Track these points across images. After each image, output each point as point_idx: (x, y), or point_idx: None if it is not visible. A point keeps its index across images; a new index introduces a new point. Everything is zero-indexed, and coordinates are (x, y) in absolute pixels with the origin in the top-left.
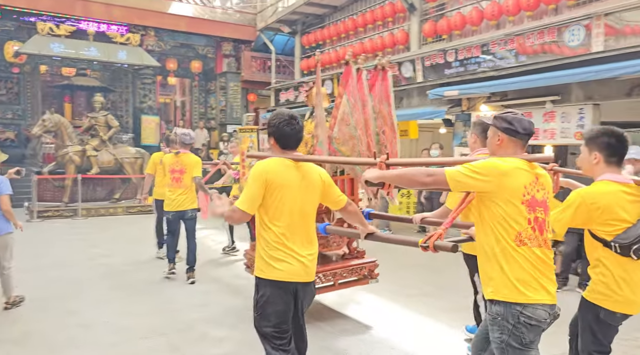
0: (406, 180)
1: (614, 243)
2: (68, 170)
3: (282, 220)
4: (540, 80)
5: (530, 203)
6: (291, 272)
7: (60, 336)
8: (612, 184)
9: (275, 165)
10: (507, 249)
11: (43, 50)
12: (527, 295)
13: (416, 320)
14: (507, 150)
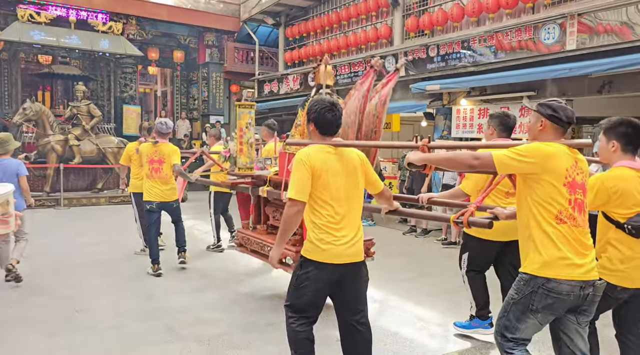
0: (454, 162)
1: (627, 225)
2: (49, 159)
3: (329, 204)
4: (518, 76)
5: (571, 185)
6: (337, 255)
7: (59, 320)
8: (629, 170)
9: (317, 152)
10: (546, 227)
11: (23, 38)
12: (555, 270)
13: (399, 303)
14: (549, 136)
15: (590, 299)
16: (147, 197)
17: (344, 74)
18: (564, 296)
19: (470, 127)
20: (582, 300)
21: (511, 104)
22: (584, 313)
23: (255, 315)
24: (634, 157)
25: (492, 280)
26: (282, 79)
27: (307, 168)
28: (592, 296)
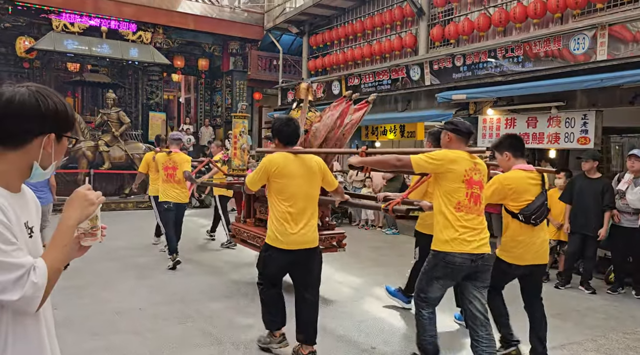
0: (383, 164)
1: (520, 214)
2: (80, 165)
3: (289, 201)
4: (547, 87)
5: (468, 182)
6: (292, 242)
7: (100, 321)
8: (521, 172)
9: (279, 159)
10: (448, 214)
11: (58, 47)
12: (452, 245)
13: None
14: (454, 145)
15: (481, 268)
16: (164, 198)
17: (367, 83)
18: (458, 266)
19: (496, 137)
20: (474, 269)
21: (539, 114)
22: (479, 279)
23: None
24: (525, 161)
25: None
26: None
27: (265, 172)
28: (482, 266)
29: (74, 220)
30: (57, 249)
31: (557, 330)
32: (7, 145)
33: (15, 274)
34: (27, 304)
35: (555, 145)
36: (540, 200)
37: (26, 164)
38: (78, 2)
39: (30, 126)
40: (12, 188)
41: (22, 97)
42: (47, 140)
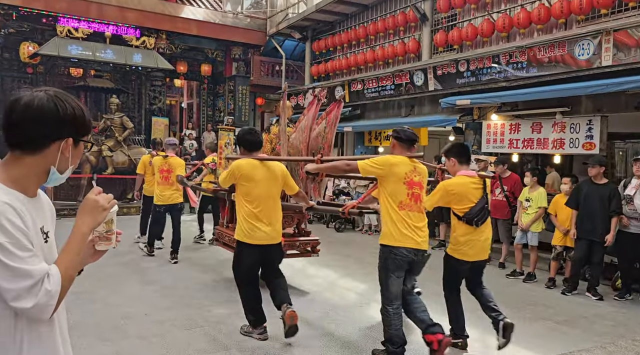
0: (335, 169)
1: (464, 217)
2: (83, 169)
3: (254, 202)
4: (551, 92)
5: (409, 183)
6: (260, 238)
7: (109, 327)
8: (465, 177)
9: (245, 164)
10: (392, 212)
11: (62, 52)
12: (398, 240)
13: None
14: (397, 151)
15: (420, 261)
16: (157, 201)
17: (371, 88)
18: (404, 258)
19: (501, 142)
20: (414, 262)
21: (543, 120)
22: (414, 271)
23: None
24: (468, 167)
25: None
26: (308, 92)
27: (232, 175)
28: (422, 258)
29: (87, 227)
30: (71, 255)
31: (565, 338)
32: (26, 150)
33: (29, 282)
34: (40, 312)
35: (560, 151)
36: (481, 204)
37: (43, 168)
38: (82, 8)
39: (49, 131)
40: (28, 192)
41: (40, 101)
42: (65, 144)
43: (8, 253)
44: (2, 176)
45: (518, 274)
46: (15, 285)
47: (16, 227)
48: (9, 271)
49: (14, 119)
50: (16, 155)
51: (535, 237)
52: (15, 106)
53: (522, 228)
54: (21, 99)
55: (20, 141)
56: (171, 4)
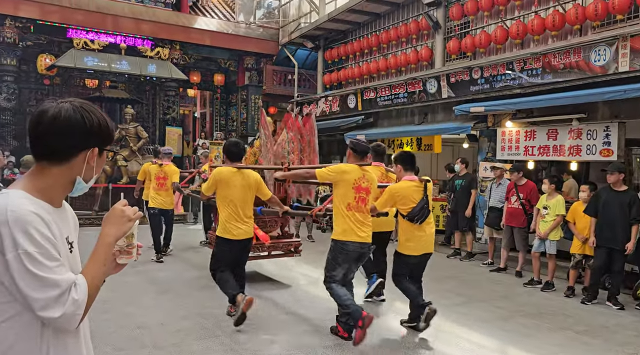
0: (297, 176)
1: (407, 216)
2: (99, 179)
3: (231, 205)
4: (567, 99)
5: (357, 188)
6: (237, 234)
7: (123, 336)
8: (408, 182)
9: (225, 172)
10: (342, 212)
11: (78, 64)
12: (346, 236)
13: (454, 329)
14: (351, 160)
15: (366, 253)
16: (152, 204)
17: (384, 96)
18: (352, 252)
19: (516, 150)
20: (361, 254)
21: (559, 127)
22: (360, 261)
23: (310, 337)
24: (412, 173)
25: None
26: (321, 101)
27: (214, 181)
28: (367, 251)
29: (112, 237)
30: (97, 265)
31: (586, 348)
32: (52, 160)
33: (57, 291)
34: (68, 321)
35: (577, 158)
36: (421, 204)
37: (69, 178)
38: (98, 20)
39: (76, 141)
40: (55, 203)
41: (67, 113)
42: (91, 154)
43: (37, 263)
44: (29, 186)
45: (536, 283)
46: (44, 294)
47: (44, 236)
48: (37, 281)
49: (41, 130)
50: (43, 165)
51: (554, 246)
52: (42, 118)
53: (540, 236)
54: (48, 111)
55: (47, 152)
56: (185, 15)
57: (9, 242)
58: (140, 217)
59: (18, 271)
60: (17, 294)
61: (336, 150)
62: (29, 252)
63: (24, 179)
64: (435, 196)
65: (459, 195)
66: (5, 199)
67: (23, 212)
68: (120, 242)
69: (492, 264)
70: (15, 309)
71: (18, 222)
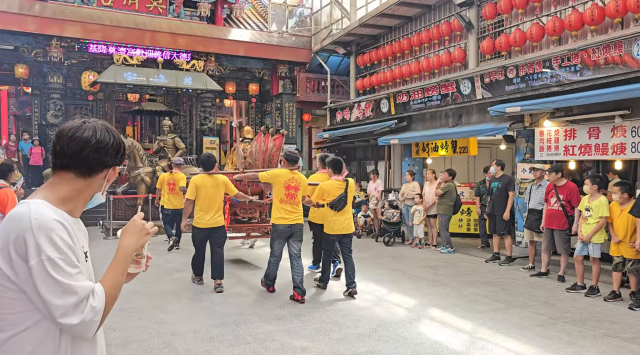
0: (247, 177)
1: (329, 205)
2: (139, 190)
3: (202, 202)
4: (609, 95)
5: (287, 187)
6: (207, 223)
7: (157, 343)
8: (335, 181)
9: (200, 178)
10: (277, 204)
11: (118, 79)
12: (277, 220)
13: (489, 336)
14: (285, 165)
15: (295, 232)
16: (167, 206)
17: (417, 99)
18: (282, 231)
19: (555, 150)
20: (291, 233)
21: (601, 124)
22: (294, 237)
23: (341, 344)
24: (339, 174)
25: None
26: (354, 107)
27: (194, 186)
28: (297, 230)
29: (131, 249)
30: (115, 274)
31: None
32: (78, 173)
33: (76, 298)
34: (86, 328)
35: (622, 157)
36: (339, 197)
37: (90, 192)
38: (137, 36)
39: (107, 159)
40: (74, 214)
41: (102, 133)
42: (112, 172)
43: (59, 268)
44: (51, 197)
45: (579, 288)
46: (64, 301)
47: (66, 243)
48: (58, 286)
49: (75, 145)
50: (68, 177)
51: (597, 249)
52: (77, 134)
53: (582, 239)
54: (82, 128)
55: (77, 165)
56: (219, 27)
57: (32, 249)
58: (157, 231)
59: (40, 277)
60: (37, 301)
61: (370, 155)
62: (52, 258)
63: (43, 189)
64: (472, 199)
65: (495, 198)
66: (27, 207)
67: (46, 219)
68: None
69: (533, 269)
70: (35, 318)
71: (42, 229)
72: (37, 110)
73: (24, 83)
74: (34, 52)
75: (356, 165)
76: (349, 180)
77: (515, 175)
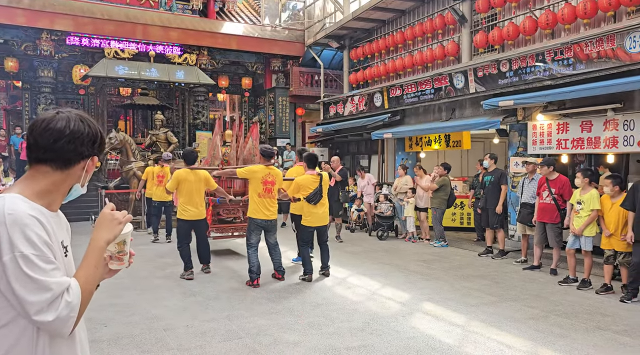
0: (226, 174)
1: (305, 199)
2: (132, 184)
3: (185, 195)
4: (602, 88)
5: (264, 182)
6: (191, 216)
7: (149, 338)
8: (309, 176)
9: (183, 172)
10: (254, 199)
11: (110, 73)
12: (255, 214)
13: (482, 329)
14: (261, 161)
15: (271, 226)
16: (154, 198)
17: (410, 93)
18: (260, 224)
19: (548, 143)
20: (268, 226)
21: (593, 118)
22: (270, 231)
23: (334, 339)
24: (314, 169)
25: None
26: (347, 101)
27: (176, 180)
28: (271, 225)
29: (103, 241)
30: (89, 269)
31: (625, 350)
32: (56, 166)
33: (50, 294)
34: (62, 325)
35: (614, 150)
36: (315, 191)
37: (68, 184)
38: (129, 30)
39: (83, 150)
40: (52, 207)
41: (76, 123)
42: (91, 162)
43: (33, 265)
44: (26, 191)
45: (571, 281)
46: (38, 297)
47: (42, 239)
48: (32, 283)
49: (49, 137)
50: (44, 170)
51: (589, 242)
52: (50, 125)
53: (574, 232)
54: (54, 120)
55: (52, 157)
56: (212, 21)
57: (6, 244)
58: (130, 220)
59: (14, 273)
60: (12, 297)
61: (364, 149)
62: (26, 254)
63: (20, 183)
64: (466, 193)
65: (488, 192)
66: (2, 202)
67: (21, 215)
68: (112, 248)
69: (526, 262)
70: (10, 315)
71: (16, 224)
72: (27, 104)
73: (14, 77)
74: (24, 46)
75: (350, 160)
76: (322, 174)
77: (508, 169)
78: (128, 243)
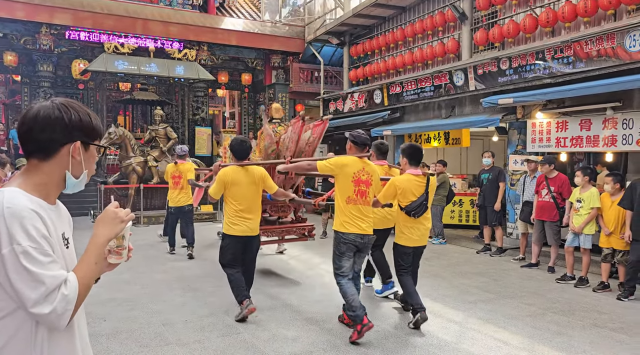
0: (300, 169)
1: (404, 209)
2: (131, 180)
3: (236, 201)
4: (601, 87)
5: (356, 181)
6: (242, 231)
7: (148, 333)
8: (411, 176)
9: (230, 171)
10: (342, 204)
11: (109, 68)
12: (345, 227)
13: (479, 327)
14: (352, 152)
15: (366, 243)
16: (170, 204)
17: (410, 90)
18: (351, 242)
19: (547, 141)
20: (362, 245)
21: (593, 116)
22: (363, 251)
23: (332, 334)
24: (417, 167)
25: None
26: (347, 97)
27: (222, 182)
28: (368, 242)
29: (104, 238)
30: (88, 264)
31: (621, 347)
32: (40, 157)
33: (47, 287)
34: (58, 318)
35: (612, 149)
36: (420, 200)
37: (59, 174)
38: (128, 24)
39: (56, 135)
40: (50, 200)
41: (46, 110)
42: (74, 147)
43: (31, 258)
44: (24, 184)
45: (569, 279)
46: (35, 290)
47: (40, 233)
48: (30, 276)
49: (25, 128)
50: (34, 163)
51: (589, 240)
52: (25, 118)
53: (573, 230)
54: (30, 110)
55: (34, 149)
56: (212, 16)
57: (5, 237)
58: (133, 218)
59: (12, 266)
60: (10, 290)
61: None
62: (24, 246)
63: (18, 177)
64: (465, 191)
65: (486, 190)
66: (1, 195)
67: (19, 208)
68: (111, 243)
69: (524, 260)
70: (10, 307)
71: (15, 217)
72: (26, 98)
73: (13, 71)
74: (23, 40)
75: None
76: (430, 174)
77: (507, 166)
78: (127, 237)
